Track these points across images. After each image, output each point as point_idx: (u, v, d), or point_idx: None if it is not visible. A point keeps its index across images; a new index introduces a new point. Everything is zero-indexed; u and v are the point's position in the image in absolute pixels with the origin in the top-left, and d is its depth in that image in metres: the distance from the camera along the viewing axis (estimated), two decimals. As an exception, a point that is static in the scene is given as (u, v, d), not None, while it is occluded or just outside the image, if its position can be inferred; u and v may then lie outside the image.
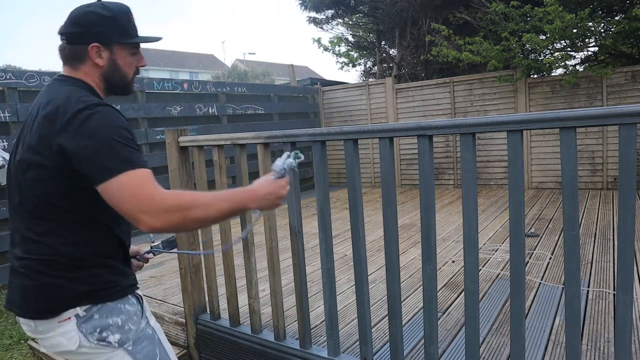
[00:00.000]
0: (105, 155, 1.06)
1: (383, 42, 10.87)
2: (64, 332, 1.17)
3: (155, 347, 1.28)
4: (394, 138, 2.12)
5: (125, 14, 1.26)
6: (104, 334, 1.19)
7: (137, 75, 1.36)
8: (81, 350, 1.18)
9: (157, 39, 1.35)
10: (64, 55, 1.23)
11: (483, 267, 3.42)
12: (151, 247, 1.52)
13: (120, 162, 1.06)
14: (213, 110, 6.76)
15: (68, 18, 1.22)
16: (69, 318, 1.16)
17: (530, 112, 6.55)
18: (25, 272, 1.18)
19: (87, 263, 1.19)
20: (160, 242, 1.54)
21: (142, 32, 1.33)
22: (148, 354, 1.25)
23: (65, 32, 1.22)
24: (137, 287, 1.32)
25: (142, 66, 1.33)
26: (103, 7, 1.23)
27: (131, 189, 1.04)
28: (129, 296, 1.25)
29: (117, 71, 1.26)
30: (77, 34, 1.21)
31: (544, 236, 4.20)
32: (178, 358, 2.56)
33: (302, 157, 1.35)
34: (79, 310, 1.17)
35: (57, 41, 1.24)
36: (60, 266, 1.16)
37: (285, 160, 1.29)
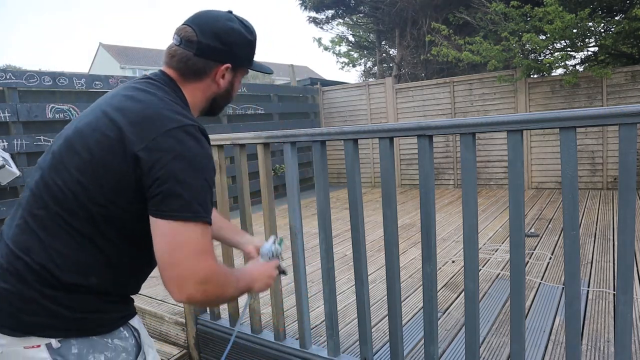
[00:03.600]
0: (190, 190, 0.95)
1: (383, 42, 10.89)
2: None
3: None
4: (394, 138, 2.12)
5: (256, 39, 1.20)
6: None
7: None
8: None
9: (269, 72, 1.31)
10: (185, 66, 1.10)
11: (483, 267, 3.42)
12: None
13: (201, 207, 0.96)
14: (213, 110, 6.76)
15: (206, 27, 1.09)
16: (38, 346, 0.97)
17: (530, 112, 6.55)
18: (6, 271, 0.98)
19: (83, 289, 1.00)
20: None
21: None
22: None
23: (199, 42, 1.08)
24: (134, 315, 1.12)
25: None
26: (246, 28, 1.15)
27: (198, 245, 0.95)
28: (121, 328, 1.06)
29: (229, 94, 1.19)
30: (215, 50, 1.10)
31: (544, 236, 4.20)
32: (178, 358, 2.57)
33: (288, 244, 1.54)
34: (53, 340, 0.97)
35: (163, 41, 1.14)
36: (48, 281, 0.97)
37: (272, 246, 1.37)
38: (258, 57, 1.24)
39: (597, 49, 6.72)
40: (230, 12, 1.16)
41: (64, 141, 1.03)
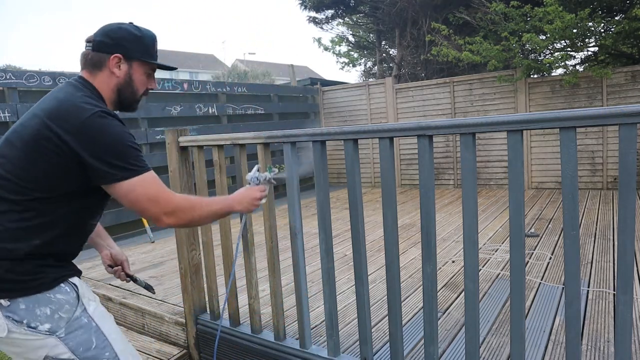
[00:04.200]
0: (121, 156, 1.23)
1: (383, 42, 10.89)
2: None
3: (91, 335, 1.29)
4: (394, 138, 2.12)
5: (152, 38, 1.44)
6: (33, 325, 1.21)
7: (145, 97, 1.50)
8: (12, 336, 1.20)
9: (173, 68, 1.57)
10: (86, 61, 1.37)
11: (483, 267, 3.42)
12: (133, 277, 1.69)
13: (136, 163, 1.24)
14: (213, 110, 6.76)
15: (100, 30, 1.39)
16: None
17: (530, 112, 6.54)
18: None
19: (29, 255, 1.22)
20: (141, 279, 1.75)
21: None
22: (82, 342, 1.28)
23: (93, 40, 1.37)
24: (74, 275, 1.33)
25: (151, 89, 1.48)
26: (135, 28, 1.41)
27: (149, 191, 1.25)
28: (61, 285, 1.28)
29: (131, 86, 1.41)
30: (105, 44, 1.36)
31: (544, 236, 4.20)
32: (178, 358, 2.56)
33: (276, 170, 1.72)
34: (3, 300, 1.19)
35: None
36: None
37: (258, 174, 1.68)
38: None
39: (597, 49, 6.72)
40: (130, 23, 1.44)
41: (4, 141, 1.28)
